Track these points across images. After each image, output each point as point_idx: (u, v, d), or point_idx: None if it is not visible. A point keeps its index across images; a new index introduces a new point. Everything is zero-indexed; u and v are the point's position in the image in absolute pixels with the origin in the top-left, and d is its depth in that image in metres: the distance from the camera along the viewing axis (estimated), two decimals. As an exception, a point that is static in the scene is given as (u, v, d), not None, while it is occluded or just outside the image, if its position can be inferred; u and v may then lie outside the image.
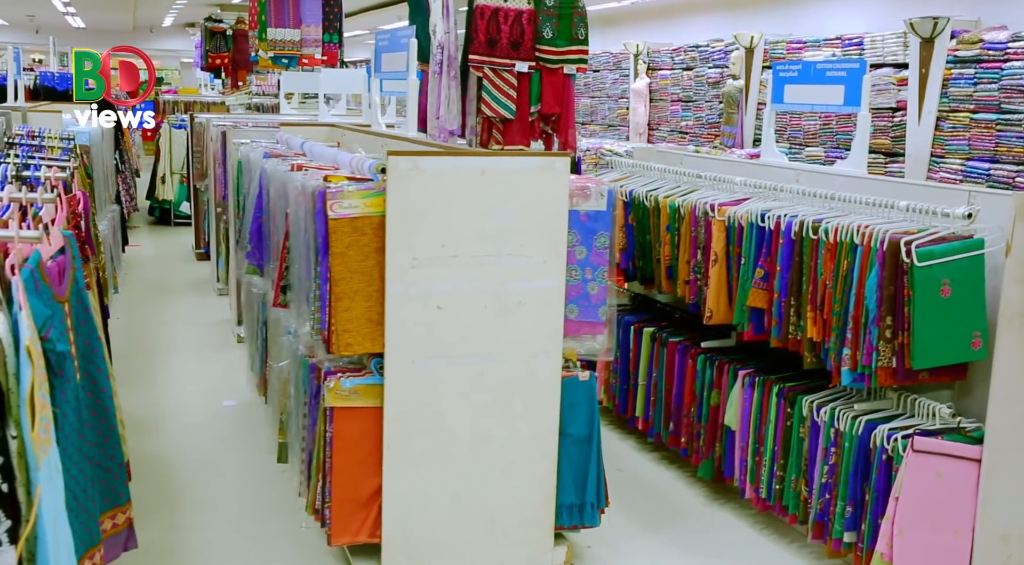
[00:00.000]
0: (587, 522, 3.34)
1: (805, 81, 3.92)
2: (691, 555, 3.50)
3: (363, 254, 3.01)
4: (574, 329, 3.27)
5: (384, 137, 4.07)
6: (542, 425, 3.24)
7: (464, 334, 3.11)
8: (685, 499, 3.97)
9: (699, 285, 3.93)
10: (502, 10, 4.87)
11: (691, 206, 3.94)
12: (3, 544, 1.65)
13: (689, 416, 4.02)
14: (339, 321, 3.02)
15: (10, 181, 2.79)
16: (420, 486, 3.14)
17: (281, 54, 10.99)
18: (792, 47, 9.33)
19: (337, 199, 2.96)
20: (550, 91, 5.06)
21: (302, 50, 11.03)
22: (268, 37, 10.91)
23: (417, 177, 2.98)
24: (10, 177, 2.86)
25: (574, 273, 3.24)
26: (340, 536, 3.14)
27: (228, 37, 17.63)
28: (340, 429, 3.09)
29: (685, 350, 4.07)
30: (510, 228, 3.09)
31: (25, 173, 2.93)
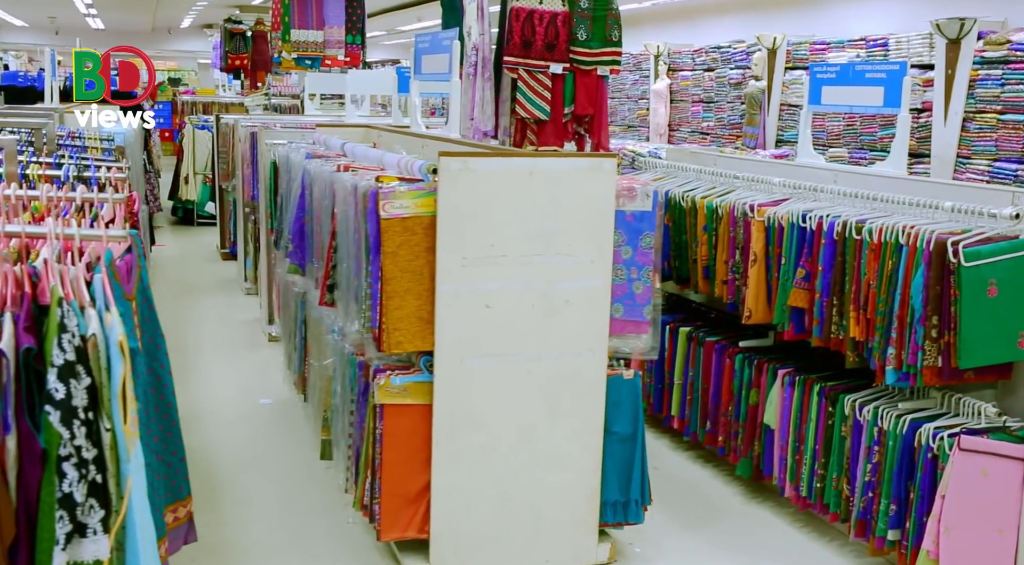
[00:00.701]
0: (631, 519, 3.38)
1: (843, 83, 3.94)
2: (733, 552, 3.53)
3: (414, 253, 3.06)
4: (619, 328, 3.30)
5: (424, 138, 4.11)
6: (587, 423, 3.27)
7: (512, 333, 3.15)
8: (723, 497, 4.00)
9: (737, 285, 3.96)
10: (537, 12, 4.91)
11: (729, 206, 3.97)
12: (97, 533, 1.70)
13: (727, 415, 4.05)
14: (390, 319, 3.06)
15: (72, 181, 2.85)
16: (468, 482, 3.18)
17: (304, 55, 11.07)
18: (815, 48, 9.34)
19: (389, 199, 3.01)
20: (583, 92, 5.10)
21: (325, 51, 11.11)
22: (292, 38, 10.98)
23: (467, 178, 3.03)
24: (72, 178, 2.92)
25: (620, 272, 3.28)
26: (389, 531, 3.18)
27: (247, 38, 17.74)
28: (390, 426, 3.13)
29: (723, 349, 4.10)
30: (558, 228, 3.13)
31: (86, 174, 2.98)
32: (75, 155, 3.81)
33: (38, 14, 18.17)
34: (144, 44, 25.70)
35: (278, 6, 11.11)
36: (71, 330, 1.68)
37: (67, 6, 15.99)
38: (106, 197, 2.42)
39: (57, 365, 1.65)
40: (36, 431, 1.68)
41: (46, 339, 1.70)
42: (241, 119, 8.17)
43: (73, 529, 1.68)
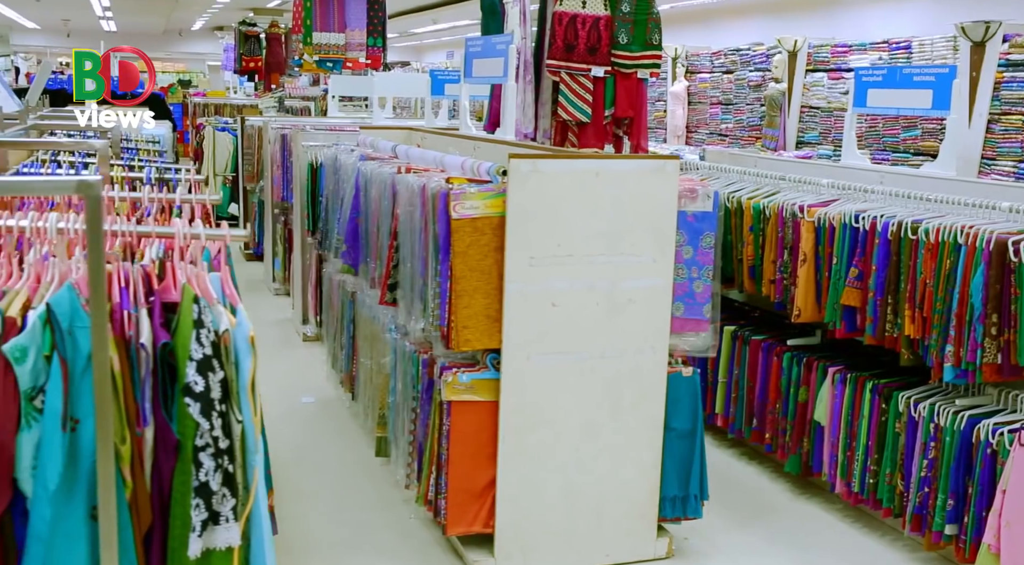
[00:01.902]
0: (690, 513, 3.44)
1: (890, 85, 4.00)
2: (787, 548, 3.59)
3: (483, 253, 3.12)
4: (679, 326, 3.37)
5: (476, 140, 4.18)
6: (648, 419, 3.34)
7: (577, 331, 3.21)
8: (771, 493, 4.06)
9: (786, 284, 4.02)
10: (580, 16, 4.97)
11: (778, 207, 4.04)
12: (229, 521, 1.77)
13: (774, 412, 4.11)
14: (459, 318, 3.13)
15: (153, 182, 2.92)
16: (532, 478, 3.24)
17: (326, 58, 11.14)
18: (837, 51, 9.40)
19: (460, 200, 3.07)
20: (624, 95, 5.16)
21: (346, 54, 11.18)
22: (313, 41, 11.05)
23: (536, 179, 3.09)
24: (153, 179, 2.99)
25: (681, 272, 3.35)
26: (455, 526, 3.24)
27: (262, 41, 17.81)
28: (456, 422, 3.20)
29: (769, 348, 4.16)
30: (622, 228, 3.20)
31: (167, 176, 3.05)
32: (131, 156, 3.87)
33: (52, 16, 18.26)
34: (155, 46, 25.80)
35: (299, 9, 11.19)
36: (208, 326, 1.74)
37: (83, 8, 16.07)
38: (204, 198, 2.48)
39: (196, 359, 1.72)
40: (169, 423, 1.75)
41: (178, 334, 1.76)
42: (270, 121, 8.24)
43: (208, 517, 1.74)
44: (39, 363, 1.64)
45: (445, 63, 21.31)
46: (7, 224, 1.86)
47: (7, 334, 1.64)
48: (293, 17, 11.57)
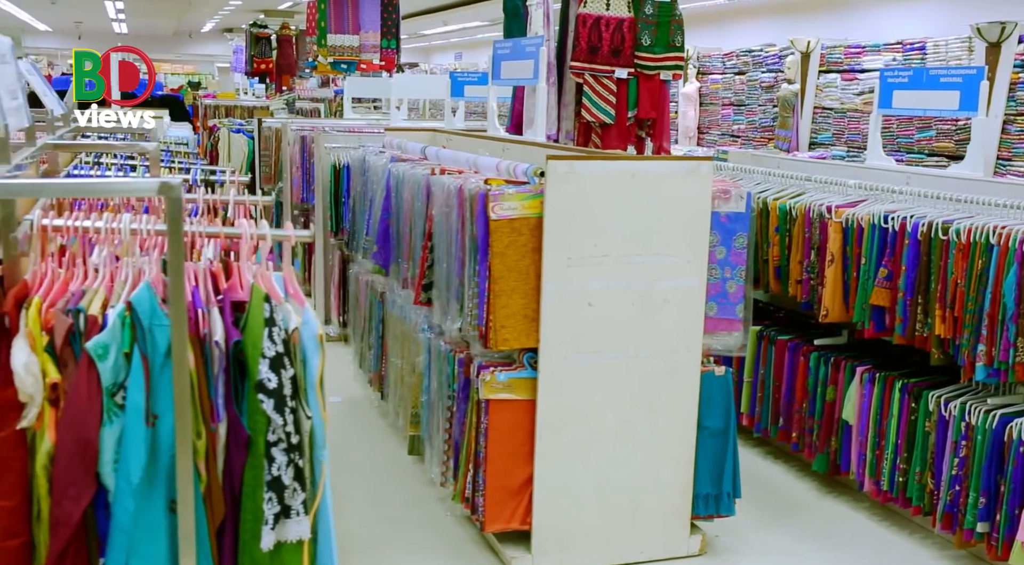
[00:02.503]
0: (723, 511, 3.48)
1: (916, 87, 4.04)
2: (817, 545, 3.63)
3: (520, 253, 3.17)
4: (712, 326, 3.41)
5: (505, 141, 4.22)
6: (682, 418, 3.38)
7: (613, 330, 3.25)
8: (798, 491, 4.10)
9: (812, 284, 4.06)
10: (604, 18, 5.01)
11: (804, 208, 4.08)
12: (300, 514, 1.81)
13: (800, 412, 4.15)
14: (497, 317, 3.17)
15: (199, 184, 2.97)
16: (569, 475, 3.29)
17: (340, 60, 11.20)
18: (850, 52, 9.44)
19: (498, 201, 3.12)
20: (647, 97, 5.19)
21: (360, 55, 11.23)
22: (328, 43, 11.11)
23: (573, 180, 3.14)
24: (200, 181, 3.04)
25: (714, 272, 3.39)
26: (493, 523, 3.29)
27: (272, 43, 17.87)
28: (494, 421, 3.24)
29: (796, 348, 4.20)
30: (657, 229, 3.24)
31: (212, 178, 3.10)
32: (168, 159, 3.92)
33: (65, 19, 18.35)
34: (164, 48, 25.89)
35: (314, 11, 11.25)
36: (279, 324, 1.79)
37: (97, 11, 16.15)
38: (257, 199, 2.53)
39: (269, 356, 1.77)
40: (240, 419, 1.79)
41: (248, 332, 1.80)
42: (289, 123, 8.29)
43: (280, 510, 1.79)
44: (119, 360, 1.69)
45: (453, 65, 21.37)
46: (86, 225, 1.91)
47: (89, 332, 1.68)
48: (307, 19, 11.64)
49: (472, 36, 19.61)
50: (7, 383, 1.63)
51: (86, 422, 1.63)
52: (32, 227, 1.72)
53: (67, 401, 1.65)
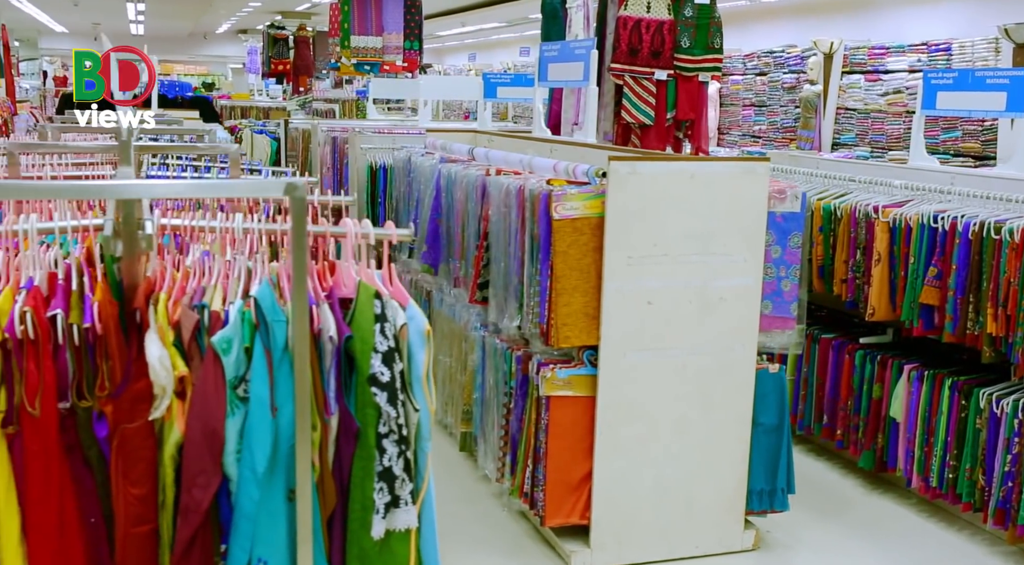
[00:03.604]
0: (777, 507, 3.53)
1: (961, 88, 4.09)
2: (868, 541, 3.67)
3: (582, 252, 3.22)
4: (767, 324, 3.46)
5: (553, 142, 4.28)
6: (737, 414, 3.43)
7: (671, 328, 3.31)
8: (844, 488, 4.15)
9: (858, 283, 4.11)
10: (644, 20, 5.07)
11: (850, 208, 4.12)
12: (408, 504, 1.87)
13: (846, 409, 4.20)
14: (558, 315, 3.23)
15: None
16: (627, 471, 3.34)
17: (364, 61, 11.27)
18: (874, 53, 9.48)
19: (561, 201, 3.17)
20: (685, 98, 5.26)
21: (384, 57, 11.31)
22: (351, 44, 11.19)
23: (634, 180, 3.19)
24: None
25: (769, 271, 3.44)
26: (553, 517, 3.34)
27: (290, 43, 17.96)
28: (555, 417, 3.30)
29: (841, 346, 4.25)
30: (715, 228, 3.29)
31: (283, 179, 3.16)
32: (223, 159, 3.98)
33: (83, 20, 18.47)
34: (179, 50, 26.02)
35: (337, 12, 11.33)
36: (390, 320, 1.85)
37: (117, 13, 16.26)
38: (340, 199, 2.60)
39: (381, 351, 1.82)
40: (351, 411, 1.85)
41: (357, 328, 1.86)
42: (320, 124, 8.35)
43: (391, 500, 1.84)
44: (240, 354, 1.75)
45: (468, 66, 21.44)
46: (211, 225, 1.97)
47: (213, 327, 1.74)
48: (330, 20, 11.72)
49: (487, 37, 19.68)
50: (139, 376, 1.69)
51: (213, 414, 1.69)
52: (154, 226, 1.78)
53: (195, 393, 1.71)
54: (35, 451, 1.66)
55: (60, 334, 1.68)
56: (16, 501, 1.67)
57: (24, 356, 1.66)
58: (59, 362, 1.69)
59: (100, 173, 3.00)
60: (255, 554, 1.74)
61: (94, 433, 1.72)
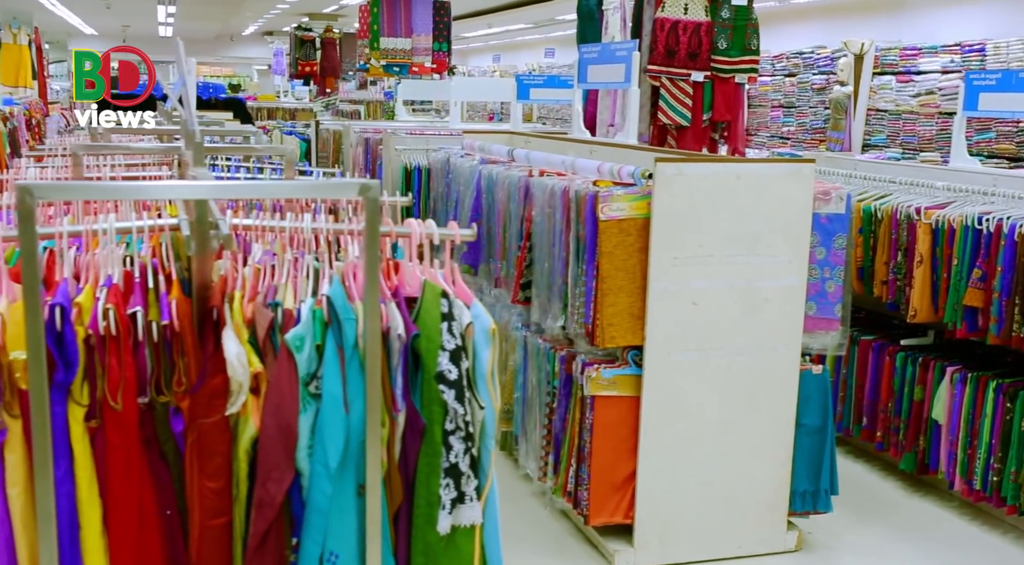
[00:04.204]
0: (821, 508, 3.53)
1: (1004, 89, 4.07)
2: (910, 543, 3.67)
3: (628, 253, 3.24)
4: (811, 325, 3.47)
5: (592, 144, 4.30)
6: (781, 415, 3.44)
7: (715, 329, 3.32)
8: (885, 490, 4.14)
9: (899, 285, 4.10)
10: (682, 22, 5.09)
11: (891, 209, 4.12)
12: (473, 500, 1.90)
13: (886, 411, 4.19)
14: (604, 316, 3.25)
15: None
16: (671, 470, 3.36)
17: (393, 62, 11.34)
18: (906, 54, 9.42)
19: (607, 202, 3.20)
20: (722, 99, 5.27)
21: (412, 59, 11.37)
22: (380, 46, 11.26)
23: (680, 182, 3.21)
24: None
25: (814, 272, 3.45)
26: (597, 516, 3.36)
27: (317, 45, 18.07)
28: (600, 416, 3.32)
29: (881, 348, 4.24)
30: (760, 229, 3.30)
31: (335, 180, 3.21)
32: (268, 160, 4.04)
33: (113, 23, 18.68)
34: (205, 51, 26.23)
35: (366, 14, 11.40)
36: (457, 319, 1.88)
37: (147, 15, 16.43)
38: (396, 200, 2.63)
39: (448, 349, 1.85)
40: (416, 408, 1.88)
41: (423, 326, 1.89)
42: (352, 125, 8.42)
43: (456, 496, 1.87)
44: (312, 352, 1.78)
45: (492, 67, 21.49)
46: (281, 225, 2.01)
47: (286, 325, 1.78)
48: (360, 22, 11.79)
49: (512, 39, 19.72)
50: (216, 372, 1.73)
51: (288, 410, 1.73)
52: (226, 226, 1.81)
53: (270, 390, 1.75)
54: (116, 444, 1.70)
55: (140, 331, 1.72)
56: (98, 493, 1.71)
57: (106, 352, 1.70)
58: (138, 358, 1.73)
59: (156, 174, 3.05)
60: (327, 548, 1.77)
61: (171, 427, 1.76)
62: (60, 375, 1.65)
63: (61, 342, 1.66)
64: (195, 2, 15.35)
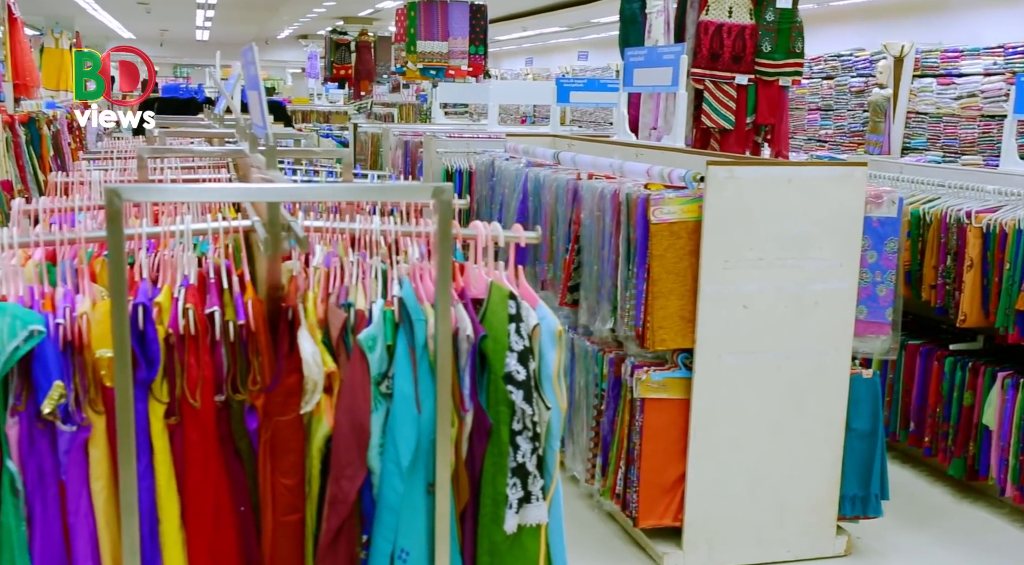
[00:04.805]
0: (871, 513, 3.51)
1: (1058, 91, 4.03)
2: (961, 550, 3.64)
3: (678, 256, 3.25)
4: (862, 329, 3.45)
5: (636, 147, 4.31)
6: (830, 419, 3.42)
7: (765, 332, 3.32)
8: (933, 496, 4.11)
9: (948, 289, 4.07)
10: (726, 25, 5.08)
11: (940, 213, 4.09)
12: (539, 499, 1.92)
13: (934, 416, 4.16)
14: (655, 318, 3.26)
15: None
16: (720, 473, 3.36)
17: (429, 66, 11.40)
18: (947, 56, 9.32)
19: (659, 205, 3.21)
20: (765, 102, 5.25)
21: (449, 62, 11.43)
22: (417, 49, 11.33)
23: (732, 185, 3.21)
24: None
25: (864, 276, 3.43)
26: (646, 519, 3.37)
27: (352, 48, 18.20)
28: (649, 419, 3.32)
29: (929, 353, 4.21)
30: (811, 233, 3.30)
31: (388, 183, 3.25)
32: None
33: (152, 27, 18.94)
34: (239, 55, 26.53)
35: (403, 18, 11.48)
36: (525, 320, 1.90)
37: (185, 20, 16.65)
38: (462, 203, 2.67)
39: (517, 350, 1.87)
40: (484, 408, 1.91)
41: (490, 327, 1.91)
42: (391, 128, 8.48)
43: (523, 496, 1.89)
44: (383, 352, 1.81)
45: (525, 70, 21.52)
46: (351, 227, 2.05)
47: (358, 325, 1.81)
48: (396, 26, 11.88)
49: (545, 42, 19.74)
50: (291, 371, 1.77)
51: (361, 409, 1.76)
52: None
53: (343, 389, 1.78)
54: (194, 441, 1.74)
55: (217, 330, 1.76)
56: (176, 489, 1.75)
57: (186, 350, 1.74)
58: (216, 357, 1.77)
59: (216, 177, 3.10)
60: (398, 545, 1.80)
61: (245, 425, 1.80)
62: (142, 373, 1.69)
63: (143, 341, 1.70)
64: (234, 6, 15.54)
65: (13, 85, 9.72)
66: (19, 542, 1.64)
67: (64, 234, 1.88)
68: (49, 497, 1.67)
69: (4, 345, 1.61)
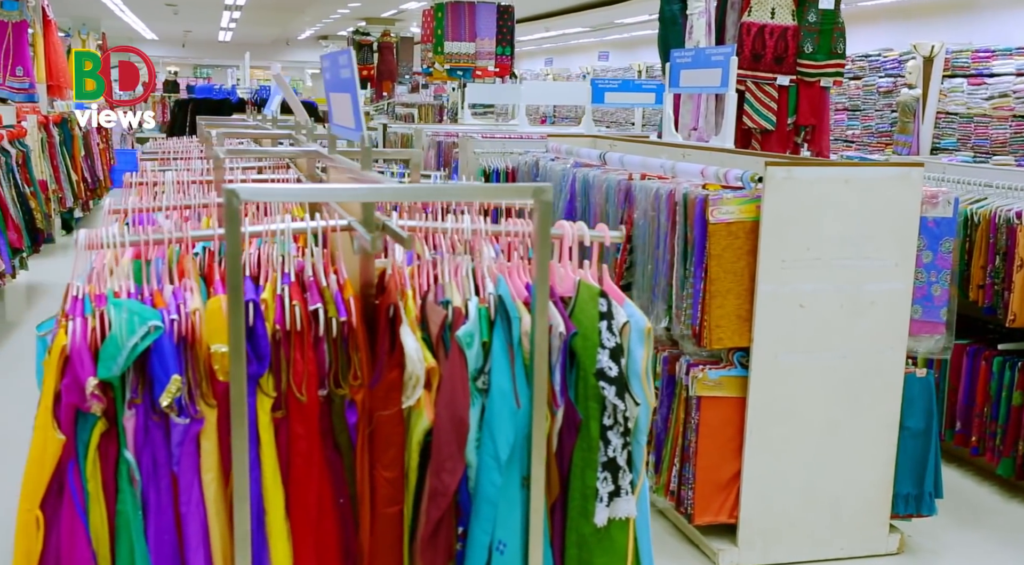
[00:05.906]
0: (924, 511, 3.53)
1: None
2: (1015, 548, 3.65)
3: (736, 256, 3.28)
4: (916, 328, 3.47)
5: (683, 148, 4.34)
6: (885, 418, 3.45)
7: (822, 331, 3.34)
8: (980, 495, 4.12)
9: (996, 289, 4.08)
10: (768, 27, 5.11)
11: (988, 213, 4.10)
12: (628, 494, 1.96)
13: (982, 416, 4.17)
14: (712, 317, 3.29)
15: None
16: (775, 471, 3.38)
17: (456, 66, 11.46)
18: (978, 56, 9.30)
19: (717, 205, 3.24)
20: (806, 103, 5.28)
21: (476, 62, 11.49)
22: (444, 50, 11.39)
23: (790, 185, 3.24)
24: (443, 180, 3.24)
25: (920, 276, 3.45)
26: (702, 516, 3.40)
27: (374, 49, 18.27)
28: (706, 417, 3.36)
29: (976, 352, 4.22)
30: (867, 233, 3.32)
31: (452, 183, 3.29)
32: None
33: (176, 28, 19.09)
34: (261, 55, 26.64)
35: (430, 19, 11.54)
36: (616, 317, 1.94)
37: (210, 21, 16.78)
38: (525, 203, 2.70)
39: (609, 347, 1.91)
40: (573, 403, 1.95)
41: (580, 324, 1.95)
42: (423, 128, 8.53)
43: (613, 490, 1.93)
44: (479, 348, 1.85)
45: (545, 70, 21.57)
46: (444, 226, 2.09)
47: (456, 322, 1.86)
48: (423, 27, 11.94)
49: (566, 42, 19.77)
50: (394, 366, 1.81)
51: (461, 403, 1.80)
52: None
53: (443, 384, 1.82)
54: (299, 434, 1.79)
55: (321, 327, 1.81)
56: (281, 481, 1.80)
57: (291, 346, 1.78)
58: (319, 352, 1.81)
59: (285, 177, 3.15)
60: (496, 537, 1.84)
61: (346, 419, 1.84)
62: (253, 367, 1.74)
63: (253, 336, 1.75)
64: (260, 7, 15.65)
65: (47, 86, 9.82)
66: (136, 529, 1.69)
67: (174, 233, 1.93)
68: (163, 487, 1.72)
69: (124, 341, 1.66)
